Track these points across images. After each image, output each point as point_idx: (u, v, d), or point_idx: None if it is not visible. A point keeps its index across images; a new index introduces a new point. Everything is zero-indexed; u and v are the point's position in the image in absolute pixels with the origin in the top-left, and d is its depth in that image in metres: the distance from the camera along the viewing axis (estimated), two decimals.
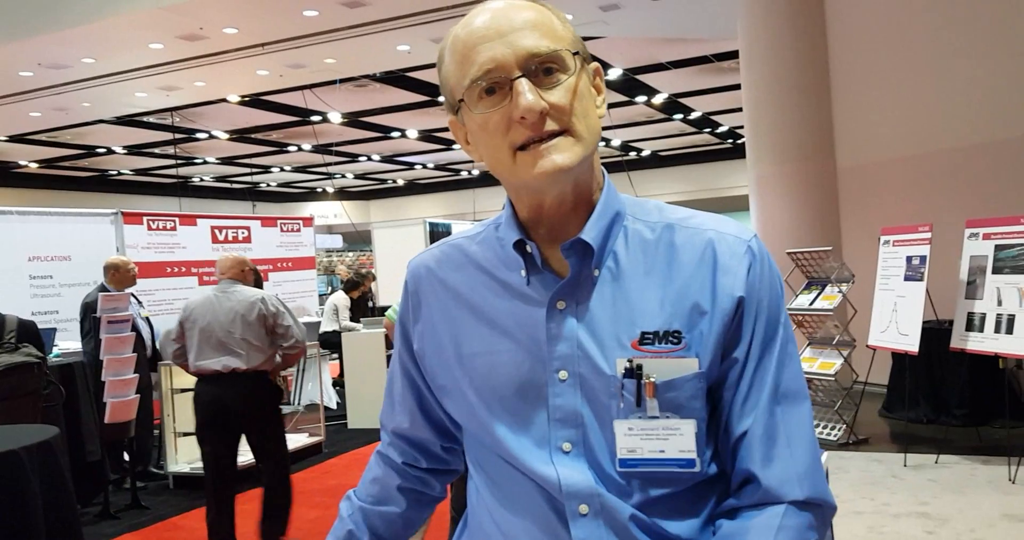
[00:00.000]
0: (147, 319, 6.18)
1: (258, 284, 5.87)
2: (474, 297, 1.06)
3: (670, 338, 0.97)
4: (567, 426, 0.98)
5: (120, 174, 20.90)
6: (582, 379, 0.98)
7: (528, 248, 1.02)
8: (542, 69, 0.94)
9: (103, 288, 5.80)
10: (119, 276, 5.81)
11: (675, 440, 0.96)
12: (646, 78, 12.91)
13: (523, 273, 1.02)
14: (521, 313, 1.02)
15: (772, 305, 1.00)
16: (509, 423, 1.01)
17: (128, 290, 5.81)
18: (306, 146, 17.77)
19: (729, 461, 1.00)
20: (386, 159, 20.72)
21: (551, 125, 0.94)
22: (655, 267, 1.00)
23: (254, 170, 21.41)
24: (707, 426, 0.99)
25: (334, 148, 17.42)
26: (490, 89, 0.95)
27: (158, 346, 5.89)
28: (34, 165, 18.63)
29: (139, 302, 6.19)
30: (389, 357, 4.06)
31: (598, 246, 1.00)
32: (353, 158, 20.10)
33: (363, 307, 9.73)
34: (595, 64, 1.03)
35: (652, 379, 0.95)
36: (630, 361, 0.96)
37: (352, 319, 9.13)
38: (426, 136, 17.53)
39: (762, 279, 1.00)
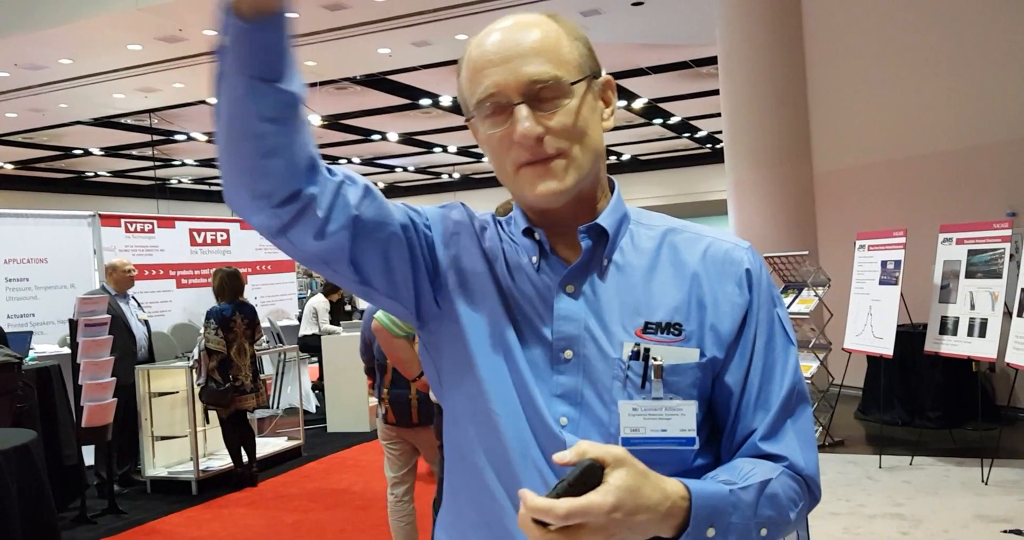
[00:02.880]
0: (145, 322, 6.16)
1: (239, 289, 5.85)
2: (497, 267, 1.10)
3: (671, 329, 1.03)
4: (566, 402, 1.03)
5: (97, 176, 20.71)
6: (586, 360, 1.03)
7: (536, 235, 1.07)
8: (542, 94, 1.00)
9: (104, 289, 5.86)
10: (116, 276, 5.88)
11: (677, 420, 1.01)
12: (626, 83, 12.98)
13: (534, 259, 1.08)
14: (531, 293, 1.07)
15: (771, 311, 1.08)
16: (509, 392, 1.05)
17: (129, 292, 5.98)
18: None
19: (729, 457, 1.06)
20: (367, 162, 20.68)
21: (549, 148, 1.00)
22: (658, 264, 1.07)
23: None
24: (704, 415, 1.04)
25: None
26: (494, 109, 1.01)
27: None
28: (10, 166, 18.43)
29: (139, 304, 6.16)
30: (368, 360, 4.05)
31: (612, 233, 1.06)
32: (333, 161, 20.02)
33: (341, 310, 9.70)
34: (606, 77, 1.08)
35: (660, 362, 1.01)
36: (637, 345, 1.02)
37: (331, 322, 9.10)
38: (407, 139, 17.51)
39: (760, 286, 1.07)
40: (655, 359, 1.01)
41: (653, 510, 0.85)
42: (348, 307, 10.09)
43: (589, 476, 0.83)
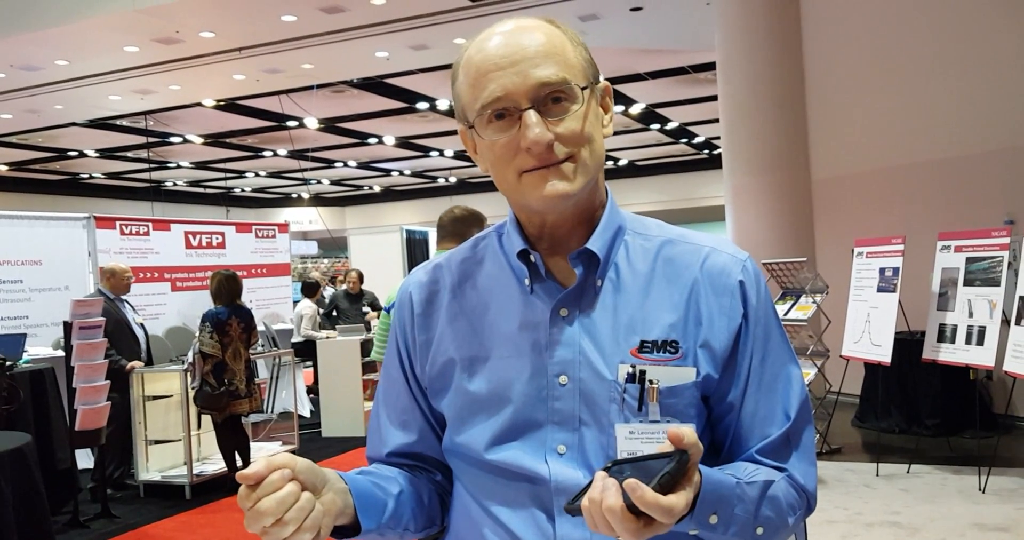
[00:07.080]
0: (141, 325, 6.13)
1: (237, 293, 5.80)
2: (477, 305, 1.08)
3: (668, 348, 1.00)
4: (564, 429, 1.01)
5: (92, 178, 20.67)
6: (582, 384, 1.01)
7: (532, 258, 1.05)
8: (551, 98, 0.97)
9: (100, 292, 5.84)
10: (114, 281, 5.86)
11: None
12: (623, 88, 12.98)
13: (527, 281, 1.05)
14: (524, 319, 1.05)
15: (768, 328, 1.05)
16: (507, 425, 1.03)
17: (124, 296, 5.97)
18: (282, 151, 17.67)
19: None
20: (362, 165, 20.64)
21: (558, 153, 0.97)
22: (654, 279, 1.04)
23: (228, 175, 21.24)
24: (700, 432, 1.02)
25: (310, 154, 17.33)
26: (499, 115, 0.98)
27: None
28: (4, 168, 18.37)
29: (133, 308, 6.14)
30: (366, 365, 4.01)
31: (603, 256, 1.03)
32: (329, 164, 20.00)
33: (355, 306, 9.45)
34: (605, 83, 1.06)
35: (656, 384, 0.99)
36: (633, 367, 1.00)
37: (333, 321, 9.01)
38: (403, 142, 17.49)
39: (759, 300, 1.05)
40: (651, 382, 0.99)
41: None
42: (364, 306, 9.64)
43: (683, 469, 0.85)
